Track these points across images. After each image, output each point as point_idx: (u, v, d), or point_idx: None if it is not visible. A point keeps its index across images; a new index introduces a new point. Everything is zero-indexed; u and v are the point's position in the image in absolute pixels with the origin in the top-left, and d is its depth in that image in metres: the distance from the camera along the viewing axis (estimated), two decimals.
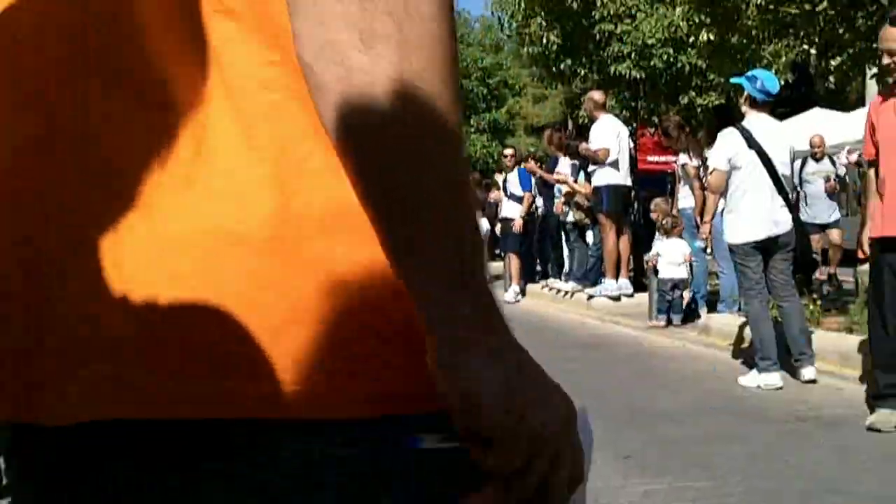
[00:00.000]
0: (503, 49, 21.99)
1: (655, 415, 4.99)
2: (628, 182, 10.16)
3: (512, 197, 12.61)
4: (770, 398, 5.39)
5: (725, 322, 7.87)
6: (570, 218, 11.00)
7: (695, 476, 3.77)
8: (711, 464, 3.97)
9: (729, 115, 7.12)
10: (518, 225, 12.29)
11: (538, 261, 13.37)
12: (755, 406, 5.21)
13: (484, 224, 14.94)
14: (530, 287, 12.39)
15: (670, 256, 8.65)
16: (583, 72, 11.11)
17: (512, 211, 12.52)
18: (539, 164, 12.36)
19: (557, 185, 11.37)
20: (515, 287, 12.26)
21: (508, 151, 13.30)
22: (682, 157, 9.54)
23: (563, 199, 11.03)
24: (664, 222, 8.88)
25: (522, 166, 12.42)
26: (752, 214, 5.92)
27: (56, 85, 0.67)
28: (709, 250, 9.15)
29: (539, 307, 11.20)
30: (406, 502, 0.66)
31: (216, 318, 0.62)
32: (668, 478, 3.76)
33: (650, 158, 19.31)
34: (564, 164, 11.15)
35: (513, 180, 12.62)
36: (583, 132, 11.80)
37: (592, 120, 10.35)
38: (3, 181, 0.68)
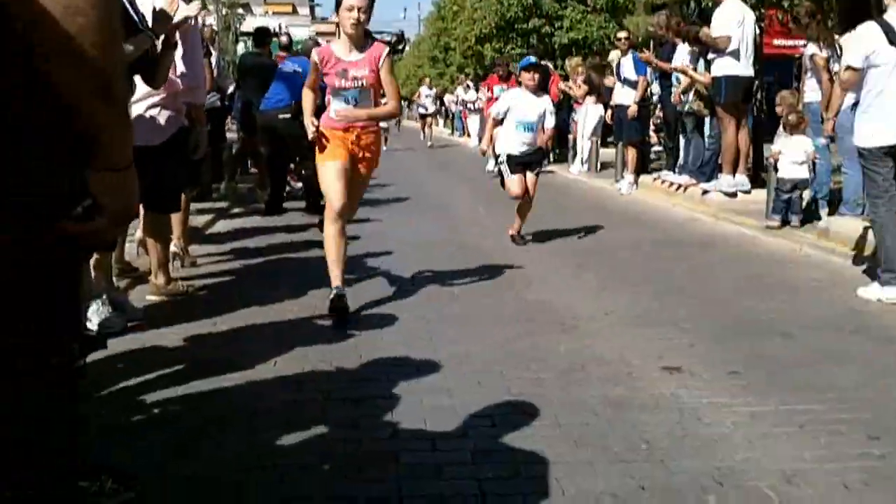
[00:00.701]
0: None
1: (766, 327, 4.81)
2: (750, 73, 9.64)
3: (626, 82, 12.17)
4: (892, 314, 5.14)
5: (847, 226, 7.49)
6: (688, 108, 10.56)
7: (805, 398, 3.63)
8: (823, 385, 3.81)
9: (867, 6, 6.59)
10: (632, 111, 11.89)
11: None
12: (875, 322, 4.97)
13: (598, 110, 14.51)
14: (642, 178, 12.07)
15: (792, 154, 8.24)
16: None
17: (626, 97, 12.11)
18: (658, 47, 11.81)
19: (675, 74, 10.90)
20: (629, 177, 11.96)
21: (622, 34, 12.77)
22: (811, 47, 8.95)
23: (680, 88, 10.58)
24: (789, 117, 8.42)
25: (637, 52, 11.92)
26: (887, 117, 5.54)
27: None
28: (832, 148, 8.69)
29: (651, 200, 10.92)
30: None
31: None
32: (776, 398, 3.63)
33: (776, 42, 18.29)
34: (682, 52, 10.65)
35: (627, 65, 12.16)
36: (704, 14, 11.19)
37: (716, 3, 9.79)
38: None
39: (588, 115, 14.88)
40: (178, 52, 5.11)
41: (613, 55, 14.95)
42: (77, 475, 1.79)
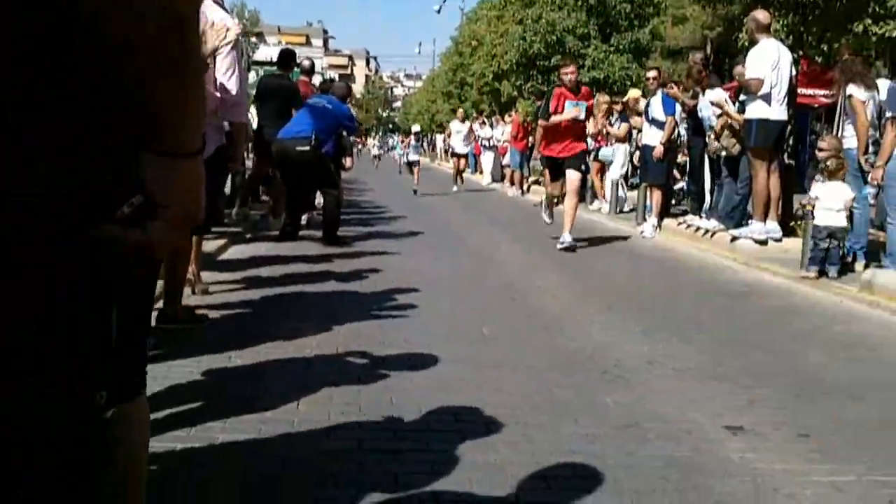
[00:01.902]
0: None
1: (830, 386, 4.44)
2: (782, 116, 9.37)
3: (654, 122, 11.90)
4: None
5: (893, 279, 7.16)
6: (719, 146, 10.28)
7: (892, 468, 3.26)
8: None
9: None
10: (658, 152, 11.60)
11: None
12: None
13: (625, 149, 14.24)
14: (665, 222, 11.75)
15: (829, 201, 7.91)
16: None
17: (653, 138, 11.83)
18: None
19: (705, 120, 10.65)
20: (654, 221, 11.63)
21: (651, 74, 12.52)
22: (850, 88, 8.67)
23: (714, 135, 10.29)
24: (828, 163, 8.10)
25: (664, 91, 11.66)
26: None
27: None
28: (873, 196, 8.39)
29: (676, 245, 10.59)
30: None
31: None
32: (860, 467, 3.26)
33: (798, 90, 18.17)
34: (712, 95, 10.42)
35: (655, 104, 11.89)
36: (721, 59, 10.99)
37: (752, 42, 9.54)
38: None
39: (616, 154, 14.63)
40: (220, 69, 4.91)
41: (633, 93, 14.75)
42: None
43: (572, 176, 9.72)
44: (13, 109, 0.97)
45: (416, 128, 23.29)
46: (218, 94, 4.95)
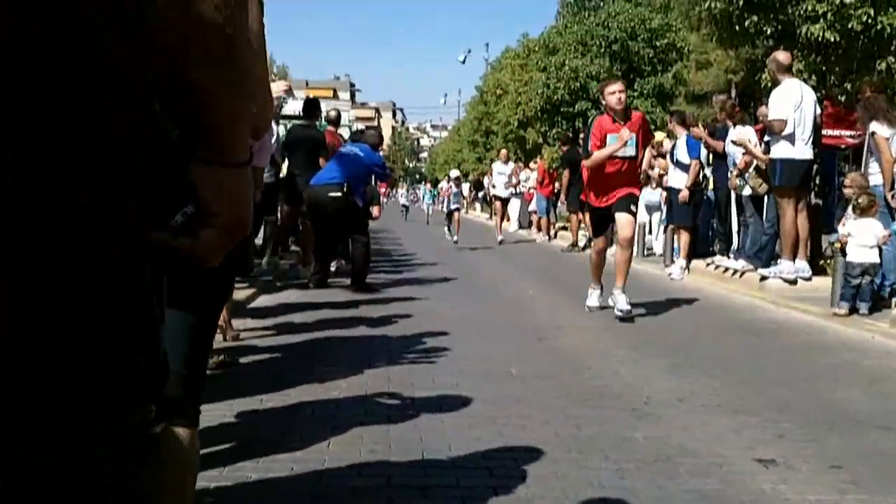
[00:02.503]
0: (672, 10, 20.97)
1: (859, 419, 4.42)
2: (807, 156, 9.36)
3: (679, 165, 11.95)
4: None
5: None
6: (747, 191, 10.30)
7: None
8: None
9: None
10: (684, 196, 11.64)
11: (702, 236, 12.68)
12: None
13: (653, 194, 14.26)
14: (693, 263, 11.73)
15: (862, 238, 7.89)
16: (768, 30, 10.27)
17: (678, 180, 11.87)
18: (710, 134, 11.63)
19: (730, 155, 10.68)
20: (682, 262, 11.63)
21: (675, 118, 12.58)
22: (874, 125, 8.68)
23: (737, 171, 10.32)
24: (859, 199, 8.09)
25: (690, 133, 11.72)
26: None
27: None
28: None
29: (705, 286, 10.57)
30: None
31: None
32: (892, 498, 3.24)
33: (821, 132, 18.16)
34: (734, 134, 10.46)
35: (680, 147, 11.95)
36: (745, 103, 11.03)
37: (775, 83, 9.59)
38: None
39: (645, 198, 14.68)
40: None
41: (658, 136, 14.82)
42: None
43: (623, 220, 7.67)
44: (66, 119, 0.98)
45: (454, 173, 20.55)
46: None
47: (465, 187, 29.55)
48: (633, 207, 7.79)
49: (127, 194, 1.03)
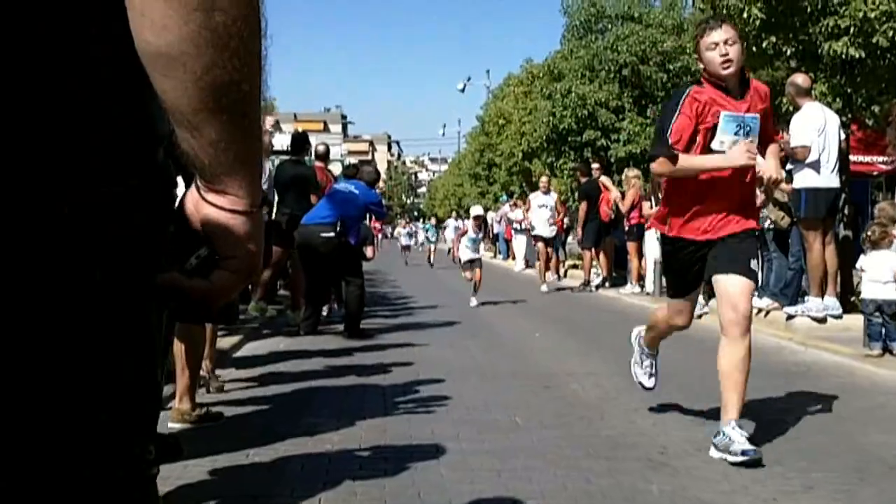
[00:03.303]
0: (686, 31, 21.19)
1: (895, 466, 4.44)
2: (833, 184, 9.43)
3: None
4: None
5: None
6: (767, 224, 10.36)
7: None
8: None
9: None
10: None
11: None
12: None
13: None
14: (714, 302, 11.74)
15: (875, 272, 7.95)
16: (788, 51, 10.39)
17: None
18: None
19: None
20: (700, 300, 11.66)
21: (594, 166, 12.64)
22: None
23: (759, 203, 10.39)
24: (870, 232, 8.15)
25: None
26: None
27: None
28: None
29: None
30: None
31: None
32: None
33: (851, 158, 18.31)
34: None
35: None
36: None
37: (796, 108, 9.69)
38: None
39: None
40: None
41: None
42: None
43: (735, 288, 4.81)
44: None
45: (476, 210, 15.38)
46: None
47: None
48: (753, 264, 4.92)
49: (140, 236, 1.13)
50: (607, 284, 16.42)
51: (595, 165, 16.97)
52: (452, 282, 18.66)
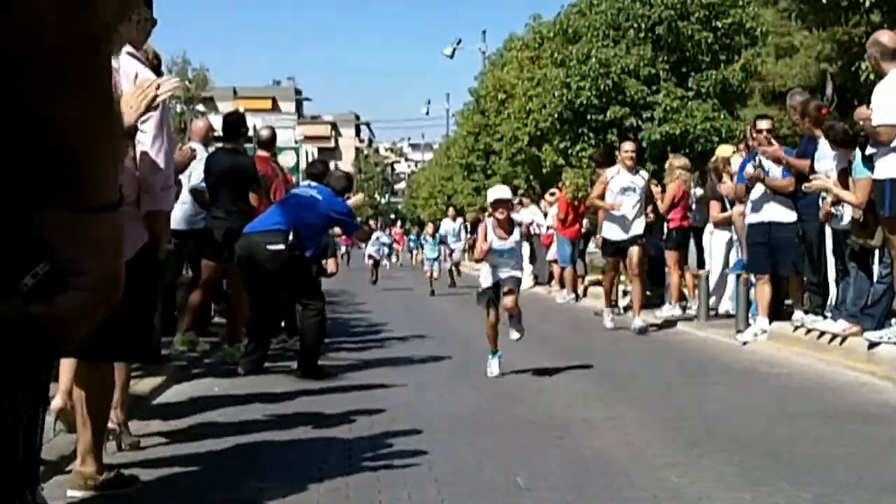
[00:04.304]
0: None
1: None
2: None
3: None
4: None
5: None
6: (851, 242, 10.41)
7: None
8: None
9: None
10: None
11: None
12: None
13: (723, 236, 14.40)
14: (774, 326, 11.83)
15: None
16: (867, 1, 10.47)
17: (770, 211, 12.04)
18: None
19: (822, 167, 10.81)
20: (763, 322, 11.72)
21: (763, 125, 12.60)
22: None
23: (830, 199, 10.47)
24: None
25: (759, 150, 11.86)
26: None
27: None
28: None
29: (791, 357, 10.67)
30: None
31: None
32: None
33: None
34: (827, 152, 10.60)
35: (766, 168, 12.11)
36: (847, 101, 11.15)
37: (879, 75, 9.76)
38: None
39: (714, 242, 14.85)
40: (144, 140, 5.10)
41: (723, 151, 14.98)
42: None
43: None
44: None
45: (500, 192, 10.67)
46: (139, 175, 5.13)
47: (451, 225, 29.26)
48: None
49: None
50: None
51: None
52: (438, 305, 18.70)
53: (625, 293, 16.87)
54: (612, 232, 14.25)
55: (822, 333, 10.75)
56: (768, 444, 6.53)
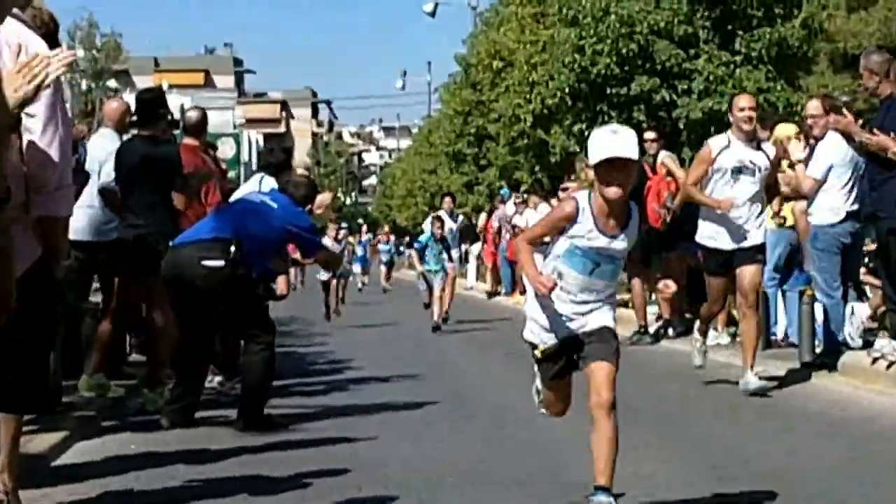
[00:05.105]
0: None
1: None
2: None
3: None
4: None
5: None
6: None
7: None
8: None
9: None
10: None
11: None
12: None
13: (785, 236, 14.47)
14: (849, 355, 11.85)
15: None
16: None
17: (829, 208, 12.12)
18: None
19: None
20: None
21: (812, 107, 12.68)
22: None
23: None
24: None
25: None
26: None
27: None
28: None
29: (860, 394, 10.73)
30: None
31: None
32: None
33: None
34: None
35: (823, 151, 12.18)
36: None
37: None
38: None
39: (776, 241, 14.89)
40: (33, 128, 5.09)
41: (783, 131, 14.93)
42: None
43: None
44: None
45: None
46: (27, 172, 5.11)
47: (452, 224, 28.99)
48: None
49: None
50: (672, 332, 16.40)
51: (649, 135, 16.87)
52: (417, 334, 18.73)
53: (658, 317, 16.85)
54: (716, 237, 12.04)
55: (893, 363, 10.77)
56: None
